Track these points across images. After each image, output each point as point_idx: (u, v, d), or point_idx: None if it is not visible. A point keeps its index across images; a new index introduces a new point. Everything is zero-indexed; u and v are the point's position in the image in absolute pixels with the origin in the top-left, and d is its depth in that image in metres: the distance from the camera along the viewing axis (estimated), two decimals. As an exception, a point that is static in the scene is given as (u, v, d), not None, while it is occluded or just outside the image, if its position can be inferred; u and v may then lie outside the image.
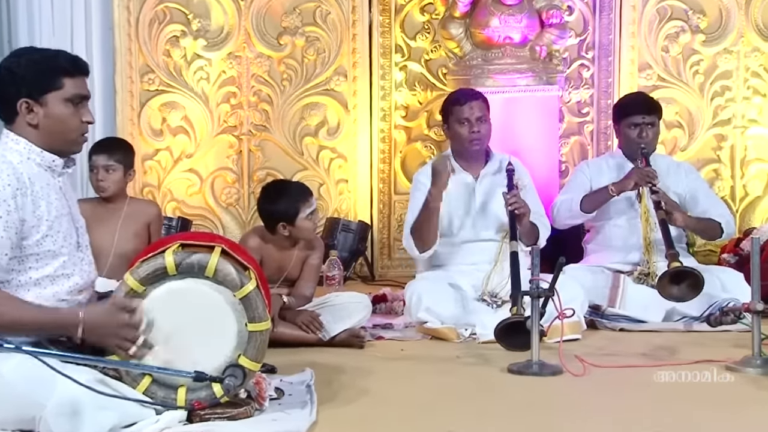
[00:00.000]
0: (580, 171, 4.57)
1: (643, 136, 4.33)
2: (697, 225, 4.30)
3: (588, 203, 4.32)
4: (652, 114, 4.37)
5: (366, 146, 5.67)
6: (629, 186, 4.23)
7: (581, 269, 4.30)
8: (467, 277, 4.00)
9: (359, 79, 5.64)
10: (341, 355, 3.58)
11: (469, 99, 4.06)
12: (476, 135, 4.03)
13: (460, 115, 4.04)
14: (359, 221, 5.57)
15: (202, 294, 2.56)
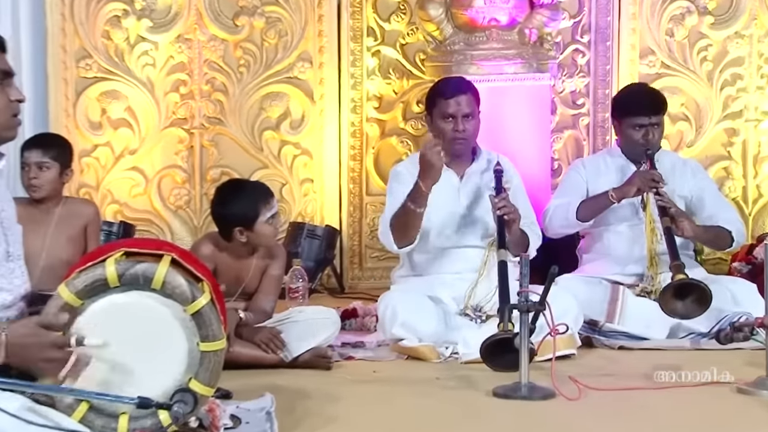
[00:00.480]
0: (574, 171, 4.59)
1: (649, 138, 4.35)
2: (705, 235, 4.33)
3: (585, 211, 4.34)
4: (658, 114, 4.40)
5: (334, 141, 5.67)
6: (632, 193, 4.26)
7: (576, 280, 4.32)
8: (449, 289, 4.01)
9: (326, 65, 5.64)
10: (305, 377, 3.58)
11: (456, 92, 4.07)
12: (460, 134, 4.05)
13: (444, 110, 4.06)
14: (326, 226, 5.58)
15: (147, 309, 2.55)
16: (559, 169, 5.72)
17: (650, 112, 4.37)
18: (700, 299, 3.91)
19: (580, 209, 4.32)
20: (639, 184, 4.24)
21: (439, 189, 4.03)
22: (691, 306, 3.94)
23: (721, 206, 4.48)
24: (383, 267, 5.62)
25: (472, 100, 4.08)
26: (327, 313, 3.90)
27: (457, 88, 4.09)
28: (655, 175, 4.23)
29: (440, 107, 4.06)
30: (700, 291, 3.91)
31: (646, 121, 4.36)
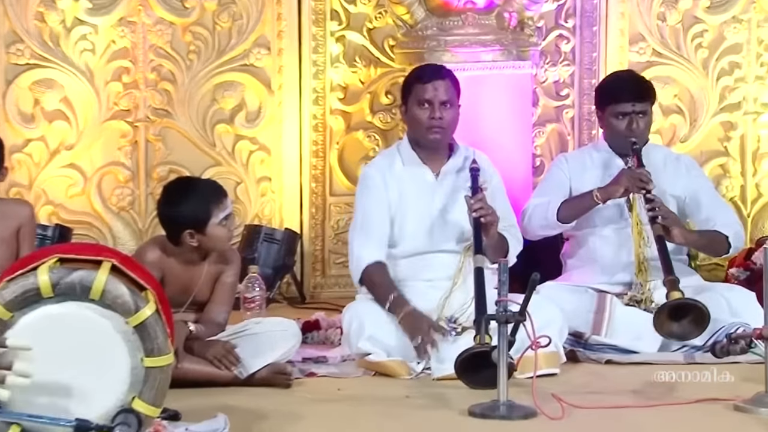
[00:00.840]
0: (556, 167, 4.60)
1: (633, 128, 4.37)
2: (700, 241, 4.37)
3: (567, 211, 4.35)
4: (643, 100, 4.41)
5: (294, 136, 5.66)
6: (618, 193, 4.27)
7: (559, 288, 4.34)
8: (421, 298, 4.01)
9: (286, 52, 5.62)
10: (262, 396, 3.57)
11: (434, 77, 4.09)
12: (437, 122, 4.06)
13: (420, 95, 4.07)
14: (286, 229, 5.56)
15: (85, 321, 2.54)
16: (541, 166, 5.73)
17: (634, 98, 4.38)
18: (697, 319, 3.94)
19: (562, 209, 4.34)
20: (626, 184, 4.26)
21: (412, 187, 4.05)
22: (688, 327, 3.98)
23: (719, 207, 4.51)
24: (348, 274, 5.47)
25: (451, 87, 4.10)
26: (286, 325, 3.89)
27: (435, 74, 4.12)
28: (643, 175, 4.24)
29: (416, 93, 4.08)
30: (697, 311, 3.94)
31: (629, 108, 4.38)
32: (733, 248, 4.39)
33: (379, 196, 4.09)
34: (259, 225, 5.54)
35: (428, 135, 4.07)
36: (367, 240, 4.04)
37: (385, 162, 4.19)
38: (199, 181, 4.13)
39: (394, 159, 4.19)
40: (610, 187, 4.29)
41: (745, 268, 5.16)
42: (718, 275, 5.48)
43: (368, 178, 4.15)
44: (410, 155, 4.15)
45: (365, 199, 4.10)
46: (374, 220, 4.07)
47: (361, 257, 4.01)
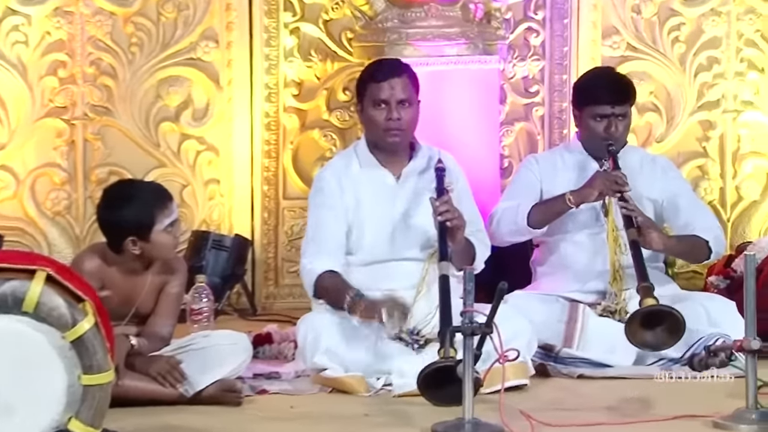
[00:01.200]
0: (526, 168, 4.61)
1: (611, 131, 4.40)
2: (678, 246, 4.40)
3: (537, 215, 4.36)
4: (624, 103, 4.45)
5: (245, 135, 5.64)
6: (592, 196, 4.30)
7: (528, 298, 4.36)
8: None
9: (235, 45, 5.61)
10: (210, 415, 3.55)
11: (390, 75, 4.08)
12: (394, 124, 4.05)
13: (376, 95, 4.06)
14: (236, 236, 5.55)
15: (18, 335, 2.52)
16: (509, 167, 5.75)
17: (614, 100, 4.41)
18: (672, 328, 3.97)
19: (532, 214, 4.35)
20: (600, 187, 4.27)
21: (372, 190, 4.05)
22: (663, 335, 4.00)
23: (698, 211, 4.54)
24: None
25: (408, 85, 4.10)
26: (236, 339, 3.89)
27: (391, 71, 4.10)
28: (618, 177, 4.27)
29: (371, 92, 4.07)
30: (671, 319, 3.96)
31: (608, 110, 4.40)
32: (714, 254, 4.42)
33: (334, 202, 4.09)
34: (206, 231, 5.53)
35: (386, 138, 4.07)
36: (319, 251, 4.04)
37: (340, 164, 4.18)
38: (142, 184, 4.12)
39: (350, 161, 4.19)
40: (584, 189, 4.31)
41: (725, 276, 5.17)
42: (697, 284, 5.51)
43: (322, 182, 4.15)
44: (368, 157, 4.16)
45: (318, 208, 4.10)
46: (328, 230, 4.07)
47: (313, 270, 4.01)
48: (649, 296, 3.99)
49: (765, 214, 6.05)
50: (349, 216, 4.10)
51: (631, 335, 3.99)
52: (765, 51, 5.97)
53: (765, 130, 6.00)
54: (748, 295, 3.33)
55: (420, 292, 4.00)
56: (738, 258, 5.15)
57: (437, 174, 4.03)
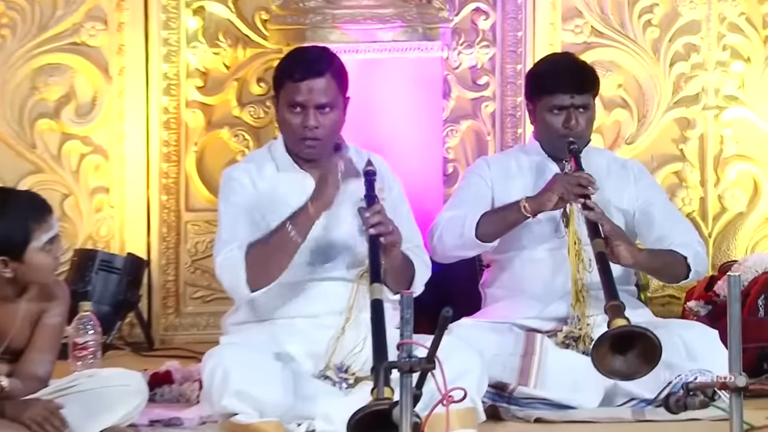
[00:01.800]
0: (476, 174, 4.62)
1: (571, 124, 4.42)
2: (652, 261, 4.40)
3: (488, 226, 4.36)
4: (584, 92, 4.47)
5: (139, 135, 5.62)
6: (551, 202, 4.30)
7: (478, 327, 4.35)
8: (303, 340, 4.00)
9: (128, 27, 5.59)
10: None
11: (309, 74, 4.04)
12: (310, 133, 4.04)
13: (291, 97, 4.04)
14: (128, 255, 5.53)
15: None
16: (454, 173, 5.76)
17: (572, 89, 4.43)
18: (646, 353, 3.95)
19: (482, 224, 4.34)
20: (561, 190, 4.27)
21: (289, 199, 4.02)
22: (635, 362, 3.98)
23: (675, 224, 4.55)
24: (210, 312, 5.57)
25: (332, 86, 4.06)
26: (129, 379, 3.88)
27: (310, 69, 4.06)
28: (582, 179, 4.28)
29: (287, 92, 4.06)
30: (646, 341, 3.95)
31: (567, 101, 4.42)
32: (694, 272, 4.43)
33: (249, 198, 4.07)
34: (93, 249, 5.52)
35: (299, 146, 4.07)
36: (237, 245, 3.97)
37: (252, 166, 4.16)
38: (14, 194, 4.09)
39: (264, 163, 4.16)
40: (542, 195, 4.31)
41: (706, 301, 5.21)
42: (674, 310, 5.55)
43: (233, 181, 4.12)
44: (286, 159, 4.13)
45: (231, 206, 4.06)
46: (244, 225, 4.03)
47: (233, 259, 3.93)
48: (620, 316, 3.98)
49: (752, 228, 6.11)
50: (264, 223, 4.05)
51: (599, 361, 3.97)
52: (751, 37, 6.03)
53: (752, 129, 6.07)
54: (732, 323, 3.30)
55: (348, 320, 3.98)
56: (721, 280, 5.18)
57: (367, 178, 4.00)
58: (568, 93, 4.42)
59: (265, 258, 3.91)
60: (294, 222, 3.87)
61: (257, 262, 3.91)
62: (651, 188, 4.65)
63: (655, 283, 5.63)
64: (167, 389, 4.46)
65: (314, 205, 3.86)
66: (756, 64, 6.01)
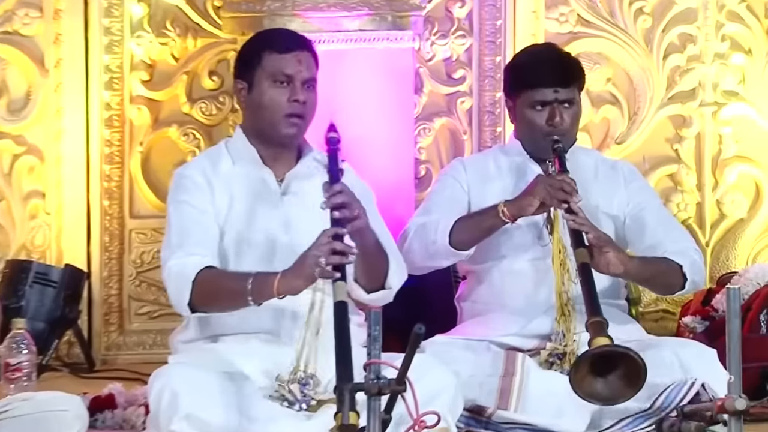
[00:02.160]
0: (450, 176, 4.64)
1: (555, 121, 4.44)
2: (644, 270, 4.40)
3: (463, 232, 4.38)
4: (569, 85, 4.49)
5: (79, 134, 5.60)
6: (532, 207, 4.31)
7: (453, 345, 4.36)
8: (258, 359, 3.99)
9: (66, 15, 5.57)
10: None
11: (296, 46, 4.08)
12: (299, 108, 4.04)
13: (278, 68, 4.05)
14: (66, 266, 5.51)
15: None
16: (427, 175, 5.77)
17: (556, 82, 4.45)
18: (629, 375, 3.95)
19: (456, 230, 4.35)
20: (542, 194, 4.28)
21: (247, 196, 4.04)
22: (617, 385, 3.97)
23: (669, 230, 4.56)
24: (157, 329, 5.58)
25: (313, 63, 4.12)
26: (67, 403, 3.86)
27: (296, 40, 4.13)
28: (565, 183, 4.28)
29: (271, 64, 4.06)
30: (629, 362, 3.94)
31: (550, 96, 4.44)
32: (690, 282, 4.43)
33: (202, 198, 4.05)
34: (27, 260, 5.51)
35: (283, 125, 4.05)
36: (190, 249, 3.98)
37: (206, 163, 4.16)
38: None
39: (219, 159, 4.16)
40: (522, 198, 4.32)
41: (703, 317, 5.23)
42: (668, 326, 5.57)
43: (185, 179, 4.12)
44: (245, 150, 4.12)
45: (182, 204, 4.05)
46: (198, 226, 4.03)
47: (184, 272, 3.92)
48: (601, 334, 3.98)
49: (753, 236, 6.15)
50: (219, 221, 4.06)
51: (577, 384, 3.96)
52: (752, 27, 6.07)
53: (753, 128, 6.11)
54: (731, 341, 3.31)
55: (309, 333, 3.93)
56: (719, 293, 5.20)
57: (329, 148, 3.99)
58: (551, 87, 4.43)
59: (214, 295, 3.92)
60: (254, 288, 3.83)
61: (205, 293, 3.92)
62: (643, 191, 4.67)
63: (647, 297, 5.65)
64: (109, 414, 4.45)
65: (280, 282, 3.80)
66: (758, 57, 6.05)
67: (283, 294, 3.80)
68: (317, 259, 3.72)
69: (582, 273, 4.16)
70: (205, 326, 4.08)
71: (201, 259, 3.95)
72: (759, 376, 4.78)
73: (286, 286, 3.78)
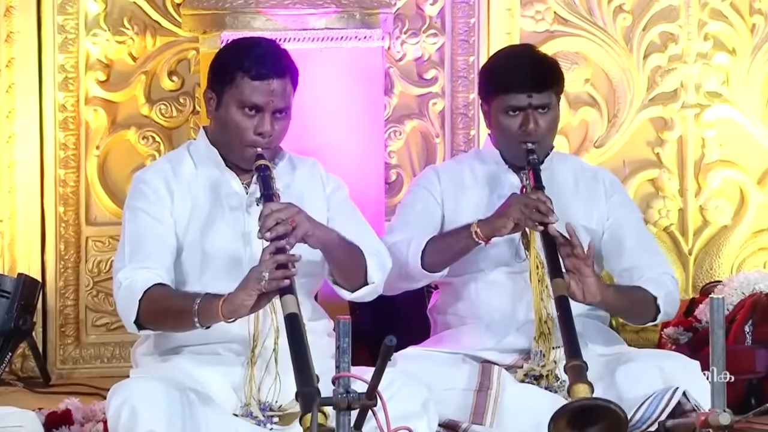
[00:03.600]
0: (422, 187, 4.65)
1: (529, 128, 4.45)
2: (617, 301, 4.39)
3: (435, 255, 4.39)
4: (544, 90, 4.49)
5: (32, 137, 5.60)
6: (506, 228, 4.31)
7: (426, 358, 4.37)
8: (222, 372, 3.99)
9: (18, 12, 5.56)
10: None
11: (271, 73, 4.01)
12: (264, 141, 4.02)
13: (246, 96, 4.00)
14: (20, 276, 5.50)
15: None
16: (398, 180, 5.80)
17: (529, 86, 4.44)
18: (610, 428, 3.91)
19: (428, 252, 4.36)
20: (517, 216, 4.29)
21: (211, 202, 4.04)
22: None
23: (646, 253, 4.56)
24: (116, 341, 5.57)
25: (289, 89, 4.08)
26: (21, 419, 3.94)
27: (274, 66, 4.05)
28: (540, 203, 4.27)
29: (241, 90, 4.02)
30: (610, 416, 3.90)
31: (523, 101, 4.44)
32: (663, 314, 4.44)
33: (161, 207, 4.04)
34: None
35: (244, 152, 4.04)
36: (141, 263, 3.97)
37: (167, 167, 4.14)
38: None
39: (180, 163, 4.15)
40: (496, 220, 4.32)
41: (686, 327, 5.25)
42: (650, 338, 5.59)
43: (143, 184, 4.09)
44: (208, 154, 4.11)
45: (138, 212, 4.03)
46: (152, 238, 4.02)
47: (132, 288, 3.92)
48: (581, 381, 3.98)
49: (738, 243, 6.17)
50: (179, 232, 4.05)
51: None
52: (736, 25, 6.10)
53: (737, 131, 6.14)
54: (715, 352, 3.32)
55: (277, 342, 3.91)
56: (703, 303, 5.21)
57: (259, 174, 3.95)
58: (524, 92, 4.43)
59: (160, 314, 3.91)
60: (200, 310, 3.81)
61: (152, 311, 3.91)
62: (623, 206, 4.67)
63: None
64: (66, 431, 4.43)
65: (225, 303, 3.78)
66: (742, 57, 6.08)
67: (229, 316, 3.78)
68: (260, 274, 3.72)
69: (560, 308, 4.17)
70: (166, 337, 4.07)
71: (151, 275, 3.94)
72: (744, 389, 4.79)
73: (231, 306, 3.76)
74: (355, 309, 4.88)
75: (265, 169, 3.96)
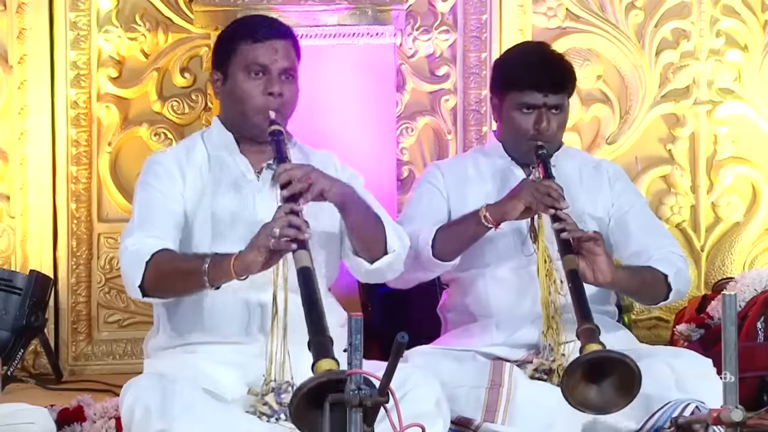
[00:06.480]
0: (428, 182, 4.65)
1: (542, 127, 4.45)
2: (630, 281, 4.39)
3: (445, 242, 4.38)
4: (559, 91, 4.49)
5: (44, 133, 5.61)
6: (516, 211, 4.30)
7: (437, 355, 4.36)
8: (230, 369, 3.97)
9: (29, 8, 5.57)
10: None
11: (272, 34, 4.05)
12: (275, 102, 4.01)
13: (252, 58, 4.02)
14: (32, 273, 5.51)
15: None
16: (410, 177, 5.80)
17: (547, 87, 4.44)
18: (623, 382, 3.94)
19: (438, 241, 4.35)
20: (528, 199, 4.27)
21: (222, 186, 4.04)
22: (611, 392, 3.96)
23: (654, 236, 4.55)
24: (128, 338, 5.60)
25: (293, 51, 4.09)
26: (34, 416, 3.85)
27: (273, 29, 4.09)
28: (552, 189, 4.28)
29: (244, 55, 4.04)
30: (623, 369, 3.93)
31: (539, 100, 4.43)
32: (675, 292, 4.42)
33: (171, 185, 4.03)
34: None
35: (257, 118, 4.01)
36: (149, 231, 3.95)
37: (180, 152, 4.13)
38: None
39: (193, 148, 4.14)
40: (506, 202, 4.31)
41: (698, 325, 5.24)
42: (662, 335, 5.57)
43: (156, 164, 4.09)
44: (222, 138, 4.11)
45: (148, 188, 4.03)
46: (161, 210, 4.00)
47: (139, 252, 3.89)
48: (593, 341, 3.97)
49: (750, 240, 6.17)
50: (188, 213, 4.04)
51: (569, 392, 3.94)
52: (749, 22, 6.10)
53: (750, 127, 6.14)
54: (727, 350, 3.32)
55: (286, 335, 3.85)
56: (715, 300, 5.20)
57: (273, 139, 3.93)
58: (541, 91, 4.42)
59: (168, 276, 3.88)
60: (211, 268, 3.78)
61: (158, 274, 3.87)
62: (626, 192, 4.66)
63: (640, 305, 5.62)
64: (78, 427, 4.45)
65: (237, 260, 3.75)
66: (754, 53, 6.08)
67: (241, 273, 3.73)
68: (272, 230, 3.68)
69: (571, 279, 4.15)
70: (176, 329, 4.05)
71: (158, 242, 3.92)
72: (756, 386, 4.79)
73: (243, 262, 3.72)
74: (367, 305, 4.91)
75: (279, 133, 3.95)
